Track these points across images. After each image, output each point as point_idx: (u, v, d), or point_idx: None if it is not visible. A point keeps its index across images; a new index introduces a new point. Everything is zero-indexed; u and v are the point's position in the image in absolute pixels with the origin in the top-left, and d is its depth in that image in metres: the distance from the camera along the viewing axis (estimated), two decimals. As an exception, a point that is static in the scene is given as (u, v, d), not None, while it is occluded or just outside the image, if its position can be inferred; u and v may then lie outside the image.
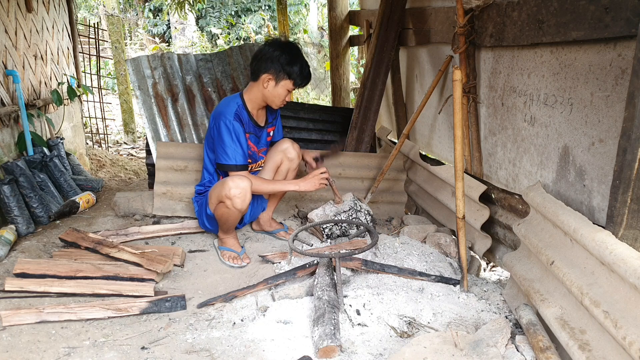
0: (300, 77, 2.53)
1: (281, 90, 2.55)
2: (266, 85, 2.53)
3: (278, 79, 2.51)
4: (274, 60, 2.47)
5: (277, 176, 2.83)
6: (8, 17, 3.60)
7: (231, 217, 2.56)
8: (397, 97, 4.03)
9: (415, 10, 3.52)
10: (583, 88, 2.02)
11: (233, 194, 2.44)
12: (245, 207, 2.53)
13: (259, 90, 2.56)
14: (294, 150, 2.80)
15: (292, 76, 2.51)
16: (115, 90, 7.95)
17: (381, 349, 1.86)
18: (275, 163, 2.81)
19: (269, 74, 2.50)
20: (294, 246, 2.42)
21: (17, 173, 3.16)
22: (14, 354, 1.84)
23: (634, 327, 1.37)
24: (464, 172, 2.30)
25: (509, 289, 2.23)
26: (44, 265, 2.35)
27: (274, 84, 2.52)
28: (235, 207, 2.47)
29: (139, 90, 3.51)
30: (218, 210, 2.57)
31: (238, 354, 1.86)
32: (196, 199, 2.84)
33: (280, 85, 2.53)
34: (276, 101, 2.60)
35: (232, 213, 2.52)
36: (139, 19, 12.54)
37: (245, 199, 2.47)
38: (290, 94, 2.60)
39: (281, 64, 2.47)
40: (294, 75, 2.50)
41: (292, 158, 2.80)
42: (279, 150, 2.80)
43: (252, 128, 2.65)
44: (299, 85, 2.57)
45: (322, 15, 10.13)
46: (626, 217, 1.53)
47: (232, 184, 2.44)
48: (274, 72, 2.49)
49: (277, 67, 2.48)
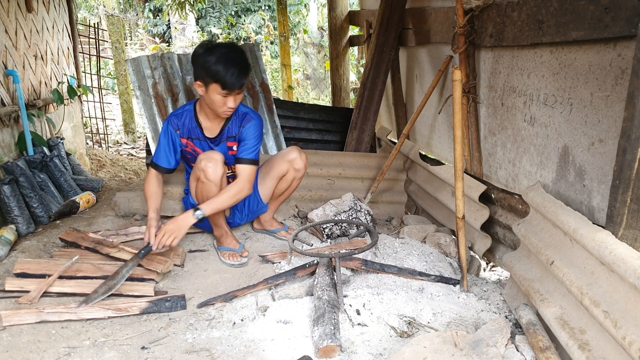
0: (226, 77, 2.26)
1: (213, 96, 2.34)
2: (201, 93, 2.39)
3: (206, 84, 2.33)
4: (199, 65, 2.31)
5: (281, 183, 2.82)
6: (8, 17, 3.60)
7: (208, 192, 2.47)
8: (397, 97, 4.03)
9: (415, 10, 3.52)
10: (583, 88, 2.02)
11: (204, 165, 2.42)
12: (219, 178, 2.45)
13: (202, 99, 2.46)
14: (302, 161, 2.76)
15: (216, 78, 2.28)
16: (115, 90, 7.96)
17: (381, 348, 1.86)
18: (280, 171, 2.78)
19: (198, 81, 2.36)
20: (294, 246, 2.42)
21: (17, 173, 3.16)
22: (14, 354, 1.84)
23: (634, 327, 1.38)
24: (463, 172, 2.30)
25: (508, 289, 2.23)
26: (44, 265, 2.35)
27: (204, 89, 2.35)
28: (208, 177, 2.42)
29: (139, 90, 3.52)
30: (196, 190, 2.55)
31: (238, 353, 1.86)
32: (184, 200, 2.94)
33: (211, 91, 2.33)
34: (217, 109, 2.40)
35: (207, 186, 2.46)
36: (139, 19, 12.54)
37: (216, 168, 2.43)
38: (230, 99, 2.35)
39: (204, 67, 2.28)
40: (219, 76, 2.27)
41: (299, 169, 2.77)
42: (286, 160, 2.76)
43: (200, 135, 2.59)
44: (230, 88, 2.30)
45: (322, 15, 10.13)
46: (626, 217, 1.53)
47: (204, 156, 2.46)
48: (200, 77, 2.33)
49: (202, 72, 2.31)
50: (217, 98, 2.34)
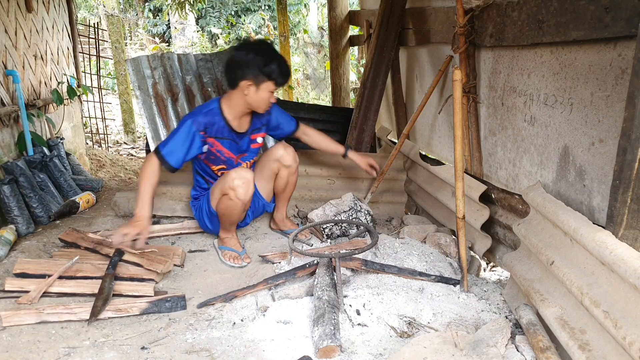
0: (280, 74, 2.42)
1: (264, 94, 2.45)
2: (247, 92, 2.44)
3: (258, 83, 2.41)
4: (250, 64, 2.38)
5: (277, 182, 2.82)
6: (8, 17, 3.60)
7: (235, 210, 2.54)
8: (397, 97, 4.03)
9: (415, 10, 3.52)
10: (583, 88, 2.02)
11: (236, 185, 2.43)
12: (249, 198, 2.51)
13: (240, 97, 2.48)
14: (288, 156, 2.73)
15: (272, 76, 2.40)
16: (115, 90, 7.95)
17: (381, 349, 1.86)
18: (271, 171, 2.78)
19: (247, 80, 2.41)
20: (294, 246, 2.42)
21: (17, 173, 3.16)
22: (14, 354, 1.84)
23: (634, 327, 1.37)
24: (464, 172, 2.30)
25: (509, 289, 2.23)
26: (44, 265, 2.35)
27: (255, 89, 2.43)
28: (239, 197, 2.46)
29: (139, 90, 3.51)
30: (221, 204, 2.55)
31: (238, 354, 1.86)
32: (193, 204, 2.87)
33: (262, 89, 2.43)
34: (262, 105, 2.51)
35: (235, 205, 2.50)
36: (139, 19, 12.54)
37: (248, 189, 2.46)
38: (273, 94, 2.50)
39: (258, 66, 2.37)
40: (274, 75, 2.40)
41: (289, 164, 2.76)
42: (273, 159, 2.75)
43: (228, 133, 2.60)
44: (281, 84, 2.47)
45: (322, 15, 10.12)
46: (626, 217, 1.53)
47: (235, 174, 2.45)
48: (252, 76, 2.40)
49: (254, 71, 2.38)
50: (266, 95, 2.45)
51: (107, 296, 2.15)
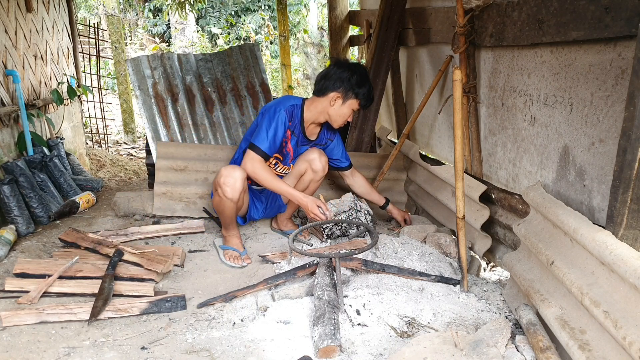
0: (366, 98, 2.60)
1: (346, 110, 2.61)
2: (333, 103, 2.59)
3: (346, 98, 2.58)
4: (344, 80, 2.55)
5: (299, 184, 2.84)
6: (8, 17, 3.60)
7: (225, 208, 2.60)
8: (397, 97, 4.03)
9: (415, 10, 3.52)
10: (583, 88, 2.02)
11: (223, 182, 2.51)
12: (236, 197, 2.54)
13: (324, 106, 2.62)
14: (320, 163, 2.78)
15: (359, 96, 2.58)
16: (115, 90, 7.95)
17: (381, 349, 1.86)
18: (299, 171, 2.82)
19: (337, 92, 2.57)
20: (294, 246, 2.42)
21: (17, 173, 3.16)
22: (14, 354, 1.84)
23: (634, 327, 1.37)
24: (464, 172, 2.30)
25: (509, 289, 2.23)
26: (44, 266, 2.35)
27: (341, 102, 2.59)
28: (225, 195, 2.52)
29: (139, 90, 3.51)
30: (215, 199, 2.65)
31: (238, 354, 1.86)
32: None
33: (347, 105, 2.59)
34: (339, 120, 2.65)
35: (224, 202, 2.57)
36: (139, 19, 12.54)
37: (235, 187, 2.51)
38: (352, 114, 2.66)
39: (351, 84, 2.55)
40: (361, 96, 2.58)
41: (316, 170, 2.79)
42: (306, 159, 2.80)
43: (299, 132, 2.69)
44: (364, 107, 2.64)
45: (322, 15, 10.13)
46: (626, 217, 1.53)
47: (225, 172, 2.52)
48: (343, 91, 2.56)
49: (346, 87, 2.55)
50: (347, 112, 2.63)
51: (107, 296, 2.15)
